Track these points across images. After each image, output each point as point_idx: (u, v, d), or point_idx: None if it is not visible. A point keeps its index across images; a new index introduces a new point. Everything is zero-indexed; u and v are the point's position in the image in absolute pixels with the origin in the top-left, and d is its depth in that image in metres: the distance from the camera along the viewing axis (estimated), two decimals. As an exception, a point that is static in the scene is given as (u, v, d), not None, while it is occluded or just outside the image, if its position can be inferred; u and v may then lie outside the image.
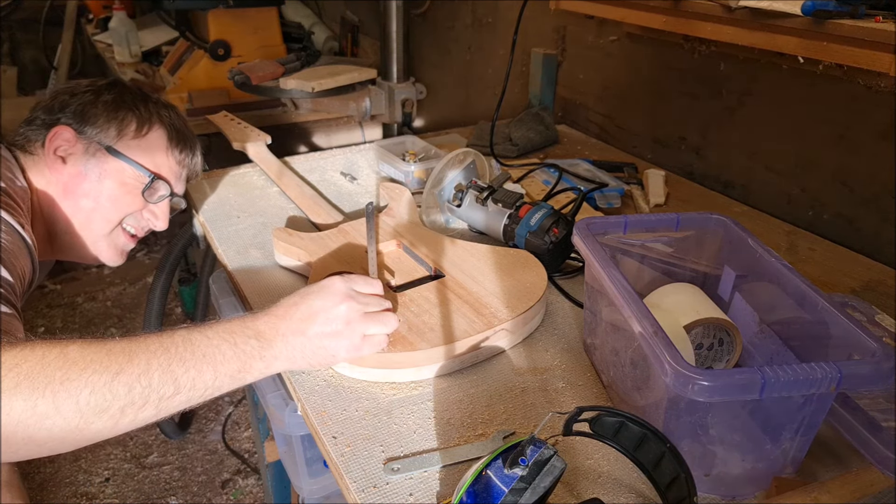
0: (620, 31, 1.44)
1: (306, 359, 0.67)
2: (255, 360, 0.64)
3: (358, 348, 0.69)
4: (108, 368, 0.56)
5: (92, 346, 0.58)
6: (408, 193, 1.07)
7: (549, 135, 1.46)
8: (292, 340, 0.66)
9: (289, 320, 0.67)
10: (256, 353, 0.64)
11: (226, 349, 0.63)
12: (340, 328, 0.68)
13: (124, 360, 0.58)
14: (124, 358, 0.58)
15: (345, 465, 0.64)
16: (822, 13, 0.91)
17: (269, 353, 0.65)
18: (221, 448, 1.99)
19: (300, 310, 0.68)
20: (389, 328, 0.71)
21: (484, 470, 0.52)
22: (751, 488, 0.62)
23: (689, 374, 0.52)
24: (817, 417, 0.58)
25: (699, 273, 0.80)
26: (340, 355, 0.69)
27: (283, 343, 0.66)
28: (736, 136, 1.24)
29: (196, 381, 0.61)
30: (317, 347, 0.67)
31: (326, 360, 0.69)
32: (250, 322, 0.66)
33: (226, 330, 0.64)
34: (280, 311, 0.68)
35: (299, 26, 2.57)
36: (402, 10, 1.70)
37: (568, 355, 0.80)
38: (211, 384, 0.62)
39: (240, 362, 0.63)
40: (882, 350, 0.56)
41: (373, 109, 1.71)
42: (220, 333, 0.63)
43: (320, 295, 0.69)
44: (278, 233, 0.96)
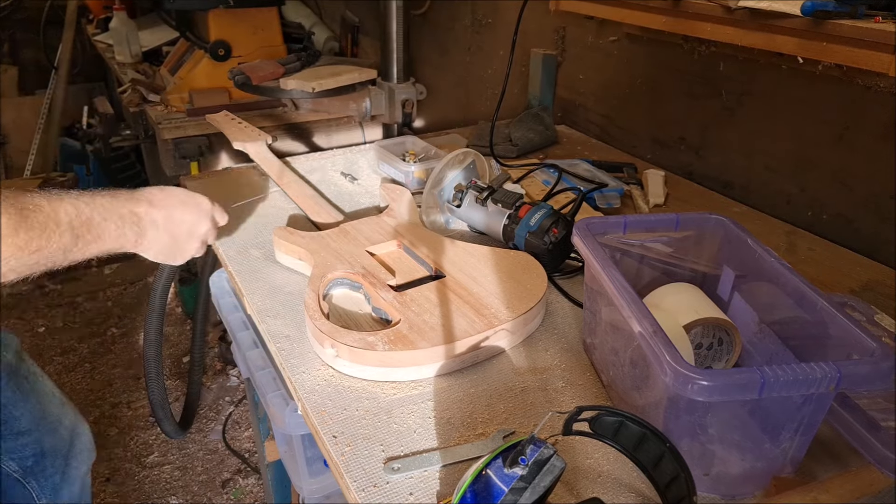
0: (620, 31, 1.44)
1: (156, 256, 0.86)
2: (128, 247, 0.80)
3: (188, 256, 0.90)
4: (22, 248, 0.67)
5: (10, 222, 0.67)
6: (408, 194, 1.07)
7: (548, 135, 1.47)
8: (159, 242, 0.83)
9: (163, 225, 0.83)
10: (131, 243, 0.80)
11: (112, 231, 0.76)
12: (196, 244, 0.89)
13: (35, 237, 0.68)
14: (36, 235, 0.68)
15: (345, 465, 0.64)
16: (822, 13, 0.91)
17: (140, 243, 0.81)
18: (222, 448, 1.99)
19: (174, 218, 0.84)
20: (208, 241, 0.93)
21: (484, 469, 0.52)
22: (750, 488, 0.62)
23: (688, 374, 0.52)
24: (816, 417, 0.58)
25: (698, 273, 0.80)
26: (178, 260, 0.89)
27: (153, 241, 0.82)
28: (735, 137, 1.25)
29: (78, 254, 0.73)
30: (171, 252, 0.86)
31: (169, 260, 0.88)
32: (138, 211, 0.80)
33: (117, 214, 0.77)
34: (159, 214, 0.82)
35: (299, 26, 2.57)
36: (402, 11, 1.70)
37: (568, 355, 0.80)
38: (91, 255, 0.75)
39: (117, 245, 0.78)
40: (881, 350, 0.56)
41: (373, 110, 1.71)
42: (112, 216, 0.77)
43: (191, 211, 0.87)
44: (279, 232, 0.96)
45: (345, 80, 1.75)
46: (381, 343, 0.74)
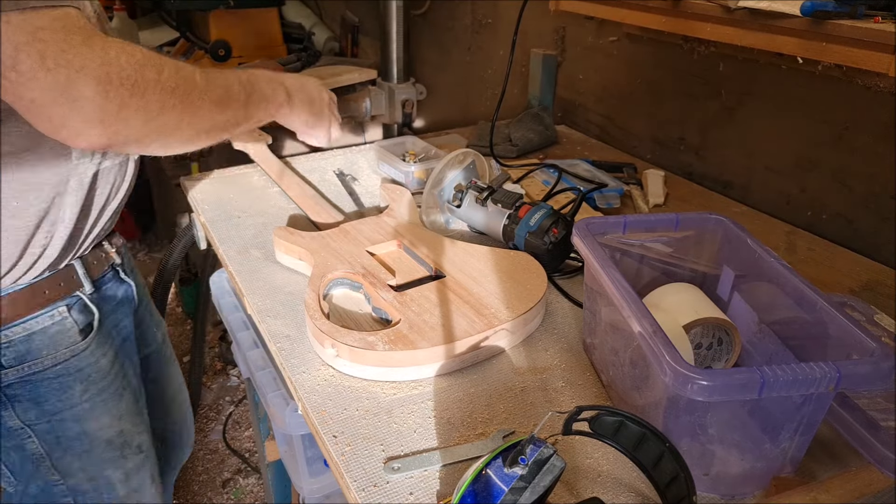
0: (620, 31, 1.44)
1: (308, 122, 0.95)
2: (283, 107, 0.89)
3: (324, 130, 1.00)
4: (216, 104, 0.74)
5: None
6: (408, 194, 1.07)
7: (548, 135, 1.47)
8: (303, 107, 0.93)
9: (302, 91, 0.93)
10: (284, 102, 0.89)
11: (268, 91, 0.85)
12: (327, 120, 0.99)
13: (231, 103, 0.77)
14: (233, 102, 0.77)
15: (345, 465, 0.64)
16: (821, 14, 0.91)
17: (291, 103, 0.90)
18: (222, 447, 1.99)
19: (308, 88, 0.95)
20: None
21: (484, 469, 0.52)
22: (750, 488, 0.62)
23: (688, 374, 0.53)
24: (816, 417, 0.58)
25: (698, 273, 0.80)
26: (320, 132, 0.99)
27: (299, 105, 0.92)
28: (735, 137, 1.25)
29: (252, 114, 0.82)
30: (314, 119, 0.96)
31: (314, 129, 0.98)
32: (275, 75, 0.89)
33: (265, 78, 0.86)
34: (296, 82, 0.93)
35: (300, 27, 2.57)
36: (402, 11, 1.70)
37: (567, 355, 0.80)
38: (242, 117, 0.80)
39: (275, 106, 0.87)
40: (881, 350, 0.56)
41: (373, 110, 1.71)
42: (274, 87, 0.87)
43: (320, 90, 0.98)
44: (279, 232, 0.96)
45: (345, 80, 1.76)
46: (381, 343, 0.74)
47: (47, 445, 0.86)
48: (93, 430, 0.89)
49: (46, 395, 0.84)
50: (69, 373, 0.85)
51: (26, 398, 0.83)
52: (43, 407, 0.84)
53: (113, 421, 0.91)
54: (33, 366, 0.82)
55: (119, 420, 0.92)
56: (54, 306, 0.84)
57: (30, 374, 0.83)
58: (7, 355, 0.81)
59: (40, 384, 0.84)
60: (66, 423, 0.86)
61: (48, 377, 0.84)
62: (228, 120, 0.77)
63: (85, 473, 0.90)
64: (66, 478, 0.89)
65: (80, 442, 0.88)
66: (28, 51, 0.56)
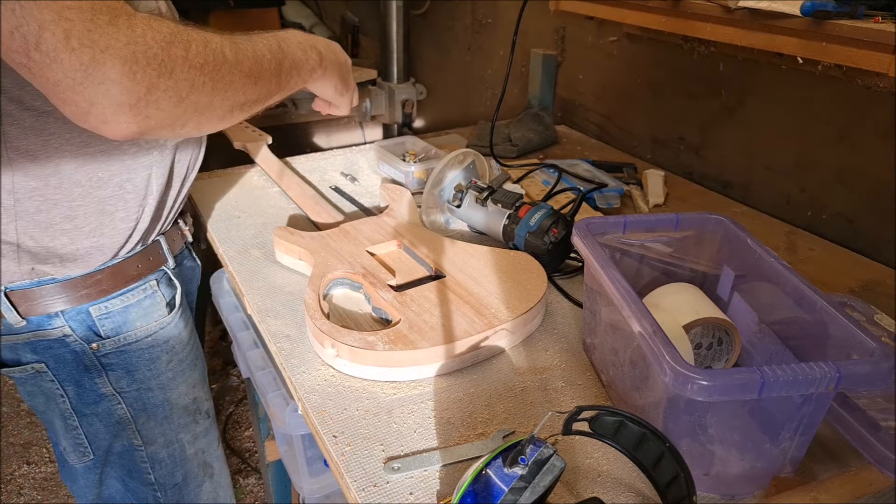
0: (620, 31, 1.44)
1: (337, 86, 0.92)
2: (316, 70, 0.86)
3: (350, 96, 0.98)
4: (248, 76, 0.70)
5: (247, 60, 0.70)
6: (408, 194, 1.07)
7: (548, 135, 1.47)
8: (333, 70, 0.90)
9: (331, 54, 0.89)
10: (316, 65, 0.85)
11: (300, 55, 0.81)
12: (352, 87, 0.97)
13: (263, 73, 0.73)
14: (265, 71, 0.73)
15: (345, 465, 0.64)
16: (821, 14, 0.91)
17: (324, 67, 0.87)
18: (222, 447, 1.99)
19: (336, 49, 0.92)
20: None
21: (484, 469, 0.52)
22: (750, 488, 0.62)
23: (688, 374, 0.53)
24: (816, 417, 0.58)
25: (698, 273, 0.80)
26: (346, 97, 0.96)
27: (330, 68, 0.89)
28: (735, 137, 1.25)
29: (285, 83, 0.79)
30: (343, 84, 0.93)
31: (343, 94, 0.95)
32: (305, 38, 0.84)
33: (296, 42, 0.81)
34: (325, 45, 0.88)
35: (300, 27, 2.57)
36: (402, 11, 1.70)
37: (567, 355, 0.80)
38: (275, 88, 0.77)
39: (307, 70, 0.83)
40: (881, 350, 0.56)
41: (373, 110, 1.71)
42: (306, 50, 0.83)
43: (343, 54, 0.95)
44: (279, 232, 0.96)
45: (345, 80, 1.75)
46: (381, 343, 0.74)
47: (134, 411, 0.91)
48: (173, 398, 0.94)
49: (137, 364, 0.89)
50: (157, 344, 0.91)
51: (120, 367, 0.88)
52: (133, 375, 0.89)
53: (189, 389, 0.97)
54: (128, 337, 0.87)
55: (193, 388, 0.98)
56: (146, 280, 0.88)
57: (125, 344, 0.87)
58: (106, 326, 0.85)
59: (133, 354, 0.88)
60: (152, 391, 0.92)
61: (140, 348, 0.89)
62: (261, 92, 0.74)
63: (164, 438, 0.95)
64: (146, 445, 0.93)
65: (163, 408, 0.93)
66: (53, 29, 0.54)
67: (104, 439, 0.91)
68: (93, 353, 0.86)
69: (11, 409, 2.12)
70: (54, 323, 0.82)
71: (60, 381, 0.86)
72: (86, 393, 0.88)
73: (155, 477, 0.96)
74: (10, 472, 1.90)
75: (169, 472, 0.97)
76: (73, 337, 0.84)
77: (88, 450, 0.91)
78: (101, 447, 0.92)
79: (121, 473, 0.94)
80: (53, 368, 0.85)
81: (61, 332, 0.83)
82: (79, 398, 0.88)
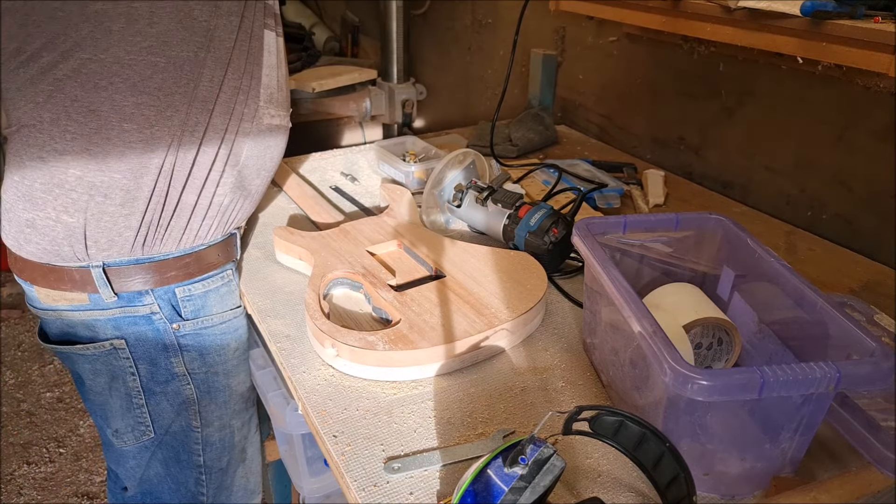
0: (620, 31, 1.44)
1: None
2: None
3: None
4: None
5: None
6: (408, 194, 1.07)
7: (548, 135, 1.47)
8: None
9: None
10: None
11: None
12: None
13: None
14: None
15: (345, 464, 0.64)
16: (821, 14, 0.91)
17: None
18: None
19: None
20: None
21: (484, 469, 0.52)
22: (750, 488, 0.62)
23: (688, 374, 0.53)
24: (816, 417, 0.59)
25: (698, 273, 0.80)
26: None
27: None
28: (735, 137, 1.25)
29: None
30: None
31: None
32: None
33: None
34: None
35: (300, 27, 2.57)
36: (402, 11, 1.70)
37: (567, 355, 0.80)
38: None
39: None
40: (881, 350, 0.56)
41: (373, 110, 1.71)
42: None
43: None
44: (279, 231, 0.96)
45: (345, 80, 1.76)
46: (381, 343, 0.74)
47: (200, 393, 0.95)
48: (234, 384, 0.99)
49: (210, 348, 0.94)
50: (229, 331, 0.95)
51: (194, 348, 0.92)
52: (205, 358, 0.94)
53: (246, 378, 1.01)
54: (206, 321, 0.92)
55: (248, 377, 1.02)
56: (223, 269, 0.93)
57: (202, 327, 0.92)
58: (187, 308, 0.90)
59: (207, 337, 0.93)
60: (218, 375, 0.96)
61: (215, 333, 0.93)
62: None
63: (220, 422, 0.99)
64: (203, 427, 0.97)
65: (223, 393, 0.98)
66: None
67: (167, 418, 0.94)
68: (173, 333, 0.90)
69: (11, 409, 2.12)
70: (144, 300, 0.87)
71: (136, 359, 0.90)
72: (159, 371, 0.91)
73: (204, 459, 0.99)
74: (10, 472, 1.90)
75: (217, 456, 1.01)
76: (160, 315, 0.88)
77: (150, 428, 0.94)
78: (163, 426, 0.95)
79: (167, 456, 0.97)
80: (132, 345, 0.89)
81: (150, 309, 0.87)
82: (150, 376, 0.91)
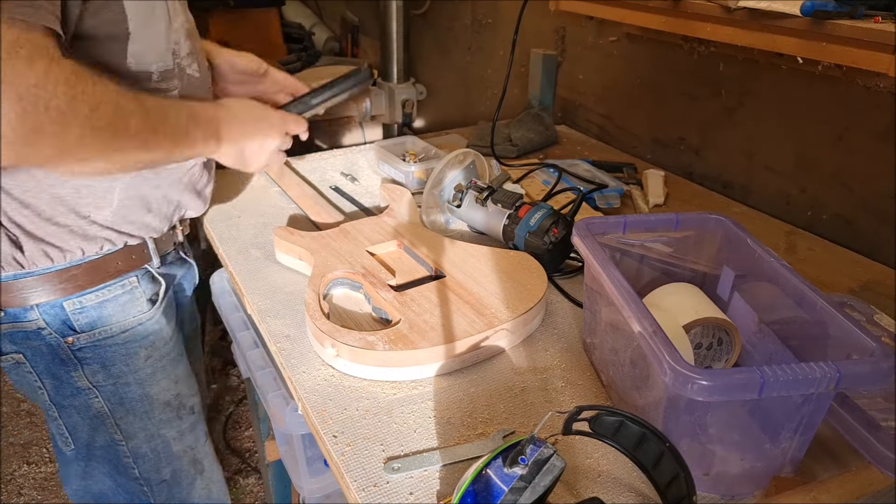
0: (620, 31, 1.44)
1: (235, 164, 0.91)
2: (206, 153, 0.86)
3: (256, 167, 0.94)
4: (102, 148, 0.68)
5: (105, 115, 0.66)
6: (408, 194, 1.07)
7: (548, 135, 1.47)
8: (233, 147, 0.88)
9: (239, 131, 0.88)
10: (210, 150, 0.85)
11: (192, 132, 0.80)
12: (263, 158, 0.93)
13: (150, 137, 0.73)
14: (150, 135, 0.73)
15: (345, 464, 0.64)
16: (821, 14, 0.91)
17: (217, 153, 0.87)
18: (222, 447, 1.99)
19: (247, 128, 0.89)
20: None
21: (484, 469, 0.52)
22: (750, 487, 0.62)
23: (688, 374, 0.53)
24: (816, 417, 0.59)
25: (698, 273, 0.80)
26: (250, 169, 0.93)
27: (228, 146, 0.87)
28: (735, 137, 1.25)
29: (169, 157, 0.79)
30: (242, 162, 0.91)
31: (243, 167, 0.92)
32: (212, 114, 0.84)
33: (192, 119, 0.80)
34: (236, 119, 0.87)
35: (300, 27, 2.57)
36: (402, 11, 1.70)
37: (567, 355, 0.80)
38: (163, 160, 0.79)
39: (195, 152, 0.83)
40: (881, 350, 0.56)
41: (373, 110, 1.71)
42: (190, 120, 0.79)
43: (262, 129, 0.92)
44: (279, 231, 0.96)
45: (345, 80, 1.75)
46: (381, 343, 0.74)
47: (111, 405, 0.92)
48: (153, 393, 0.95)
49: (113, 359, 0.90)
50: (135, 339, 0.91)
51: (95, 361, 0.89)
52: (110, 370, 0.90)
53: (171, 384, 0.97)
54: (104, 332, 0.88)
55: (176, 384, 0.98)
56: (125, 276, 0.89)
57: (100, 339, 0.88)
58: (80, 320, 0.86)
59: (108, 349, 0.89)
60: (129, 385, 0.92)
61: (117, 343, 0.89)
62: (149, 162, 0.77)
63: (145, 433, 0.95)
64: (127, 439, 0.94)
65: (142, 403, 0.94)
66: None
67: (84, 432, 0.92)
68: (68, 347, 0.87)
69: (11, 409, 2.12)
70: (30, 315, 0.84)
71: (38, 373, 0.88)
72: (63, 385, 0.89)
73: (139, 472, 0.96)
74: (10, 472, 1.90)
75: (154, 468, 0.98)
76: (48, 330, 0.85)
77: (69, 440, 0.93)
78: (82, 439, 0.93)
79: (108, 469, 0.95)
80: (31, 360, 0.87)
81: (36, 325, 0.85)
82: (56, 391, 0.89)
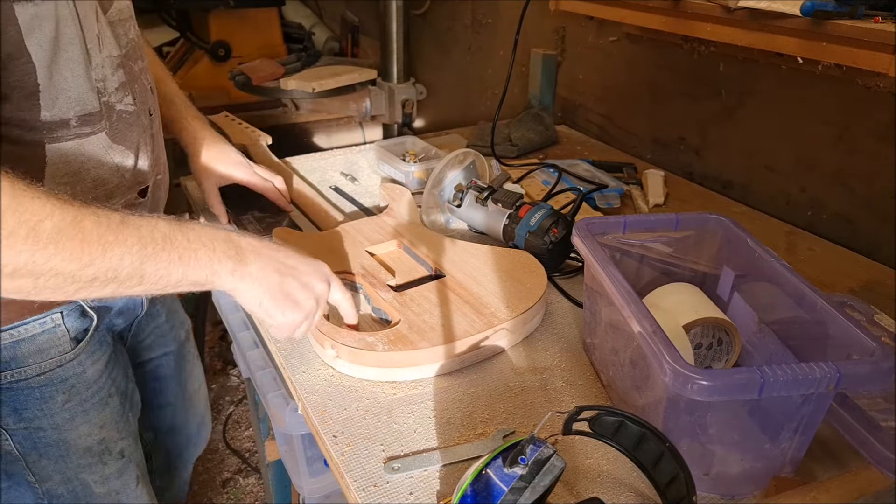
0: (620, 31, 1.44)
1: (259, 300, 0.67)
2: (224, 278, 0.65)
3: (294, 327, 0.70)
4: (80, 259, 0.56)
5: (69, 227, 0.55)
6: (408, 194, 1.07)
7: (548, 135, 1.47)
8: (263, 276, 0.67)
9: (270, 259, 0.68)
10: (227, 272, 0.64)
11: (202, 256, 0.63)
12: (302, 300, 0.69)
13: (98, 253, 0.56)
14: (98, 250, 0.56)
15: (345, 465, 0.64)
16: (821, 13, 0.91)
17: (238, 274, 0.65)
18: (222, 447, 1.99)
19: (285, 259, 0.69)
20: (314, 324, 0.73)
21: (484, 469, 0.52)
22: (750, 488, 0.62)
23: (688, 374, 0.53)
24: (816, 417, 0.59)
25: (698, 273, 0.80)
26: (278, 319, 0.69)
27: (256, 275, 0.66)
28: (735, 137, 1.25)
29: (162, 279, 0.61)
30: (276, 297, 0.68)
31: (270, 313, 0.69)
32: (235, 238, 0.66)
33: (209, 237, 0.64)
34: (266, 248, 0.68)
35: (300, 27, 2.57)
36: (402, 11, 1.70)
37: (567, 355, 0.80)
38: (174, 284, 0.62)
39: (210, 273, 0.63)
40: (881, 350, 0.56)
41: (373, 110, 1.71)
42: (201, 238, 0.63)
43: (309, 264, 0.72)
44: (279, 232, 0.96)
45: (345, 80, 1.75)
46: (380, 343, 0.74)
47: (23, 449, 0.83)
48: (71, 439, 0.86)
49: (27, 402, 0.81)
50: (53, 383, 0.82)
51: (6, 404, 0.80)
52: (21, 414, 0.81)
53: (93, 430, 0.87)
54: (16, 374, 0.79)
55: (101, 428, 0.88)
56: (48, 313, 0.79)
57: (12, 381, 0.79)
58: None
59: (21, 392, 0.80)
60: (43, 430, 0.83)
61: (31, 386, 0.81)
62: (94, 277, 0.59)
63: (61, 476, 0.86)
64: (40, 482, 0.86)
65: (57, 448, 0.85)
66: None
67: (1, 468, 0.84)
68: None
69: (11, 409, 2.12)
70: None
71: None
72: None
73: None
74: (10, 472, 1.90)
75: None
76: None
77: None
78: None
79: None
80: None
81: None
82: None
